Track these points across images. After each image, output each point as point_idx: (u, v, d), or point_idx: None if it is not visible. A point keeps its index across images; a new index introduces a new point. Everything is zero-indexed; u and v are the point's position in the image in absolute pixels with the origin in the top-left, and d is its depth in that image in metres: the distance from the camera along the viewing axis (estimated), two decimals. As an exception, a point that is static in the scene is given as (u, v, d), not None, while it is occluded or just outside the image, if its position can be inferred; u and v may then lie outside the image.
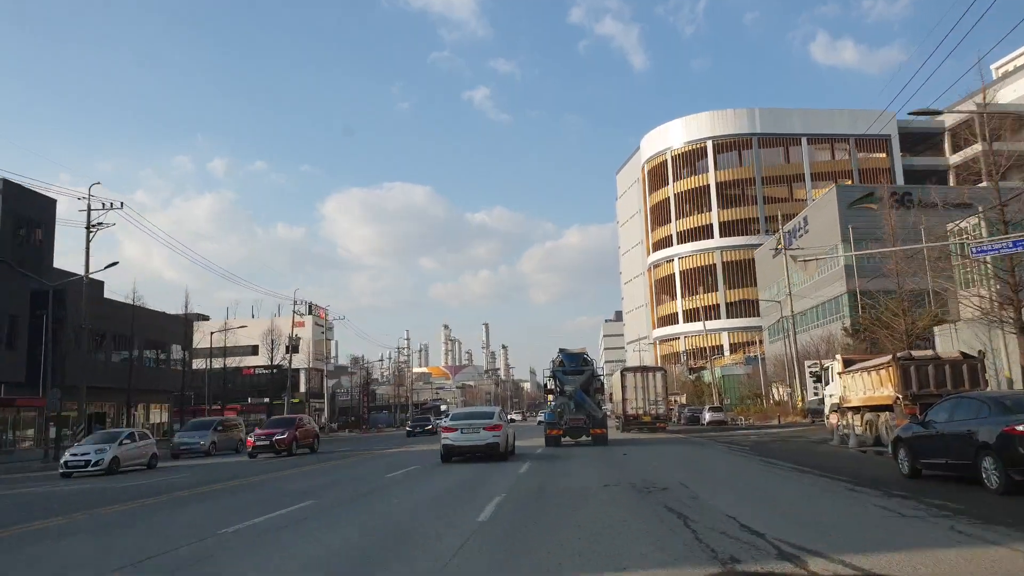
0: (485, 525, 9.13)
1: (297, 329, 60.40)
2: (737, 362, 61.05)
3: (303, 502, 12.77)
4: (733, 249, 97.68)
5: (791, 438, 27.11)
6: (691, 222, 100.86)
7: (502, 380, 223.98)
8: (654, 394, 37.10)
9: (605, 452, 23.48)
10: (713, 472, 16.52)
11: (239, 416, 44.38)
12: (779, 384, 48.93)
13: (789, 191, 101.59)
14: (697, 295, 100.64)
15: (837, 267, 47.49)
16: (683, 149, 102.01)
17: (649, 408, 36.88)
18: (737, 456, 20.20)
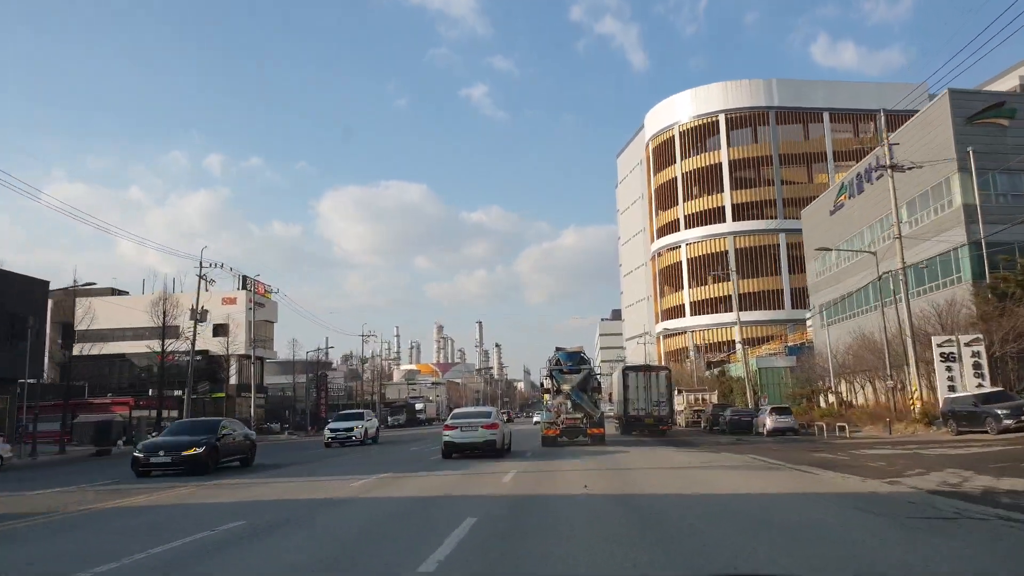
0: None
1: (227, 307, 47.99)
2: (775, 352, 49.00)
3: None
4: (748, 234, 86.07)
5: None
6: (700, 204, 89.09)
7: (495, 379, 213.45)
8: (657, 394, 35.02)
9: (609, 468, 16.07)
10: None
11: (125, 415, 32.90)
12: (862, 376, 36.16)
13: (808, 172, 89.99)
14: (706, 285, 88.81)
15: (950, 209, 33.95)
16: (692, 124, 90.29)
17: (652, 409, 34.90)
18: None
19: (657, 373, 36.50)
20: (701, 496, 10.90)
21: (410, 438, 44.10)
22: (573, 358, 28.53)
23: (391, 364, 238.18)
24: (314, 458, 25.56)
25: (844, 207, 43.06)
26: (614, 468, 15.53)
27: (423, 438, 42.01)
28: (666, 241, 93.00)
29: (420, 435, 49.38)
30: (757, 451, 20.48)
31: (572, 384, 27.26)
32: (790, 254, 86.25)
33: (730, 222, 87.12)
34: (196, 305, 36.83)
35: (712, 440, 28.14)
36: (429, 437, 42.17)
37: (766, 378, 46.86)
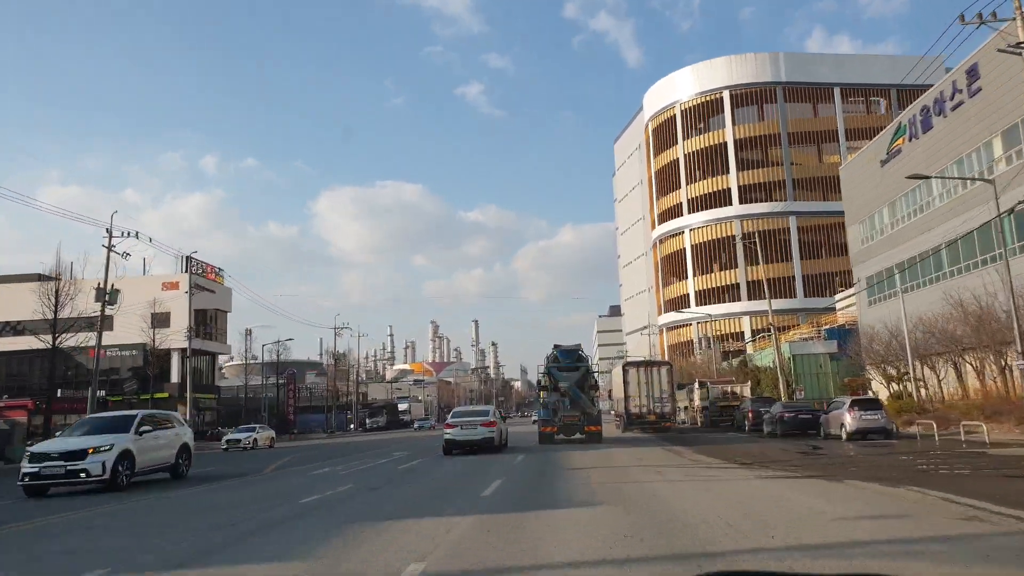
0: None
1: (169, 293, 40.42)
2: (810, 336, 42.03)
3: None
4: (756, 218, 79.49)
5: None
6: (705, 187, 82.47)
7: (490, 378, 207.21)
8: (659, 391, 33.95)
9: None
10: None
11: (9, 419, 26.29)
12: (944, 358, 28.69)
13: (818, 152, 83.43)
14: (712, 273, 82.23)
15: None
16: (694, 101, 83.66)
17: (654, 406, 33.93)
18: None
19: (659, 368, 35.16)
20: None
21: (367, 445, 35.86)
22: (571, 355, 28.01)
23: (384, 363, 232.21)
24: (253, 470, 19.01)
25: (901, 154, 35.99)
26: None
27: (381, 446, 34.34)
28: (668, 227, 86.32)
29: (385, 441, 41.24)
30: (886, 475, 12.54)
31: (570, 381, 26.77)
32: (801, 239, 79.70)
33: (736, 205, 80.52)
34: (104, 284, 29.73)
35: (756, 448, 20.52)
36: (395, 444, 34.94)
37: (802, 367, 39.81)
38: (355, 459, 24.10)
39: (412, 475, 16.94)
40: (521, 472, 16.38)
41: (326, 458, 25.76)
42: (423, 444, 33.25)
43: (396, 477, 16.53)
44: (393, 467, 19.63)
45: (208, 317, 56.41)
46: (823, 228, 79.89)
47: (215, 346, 59.38)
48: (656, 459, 17.50)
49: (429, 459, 22.02)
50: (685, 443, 24.74)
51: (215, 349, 59.69)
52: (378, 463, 21.73)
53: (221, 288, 57.31)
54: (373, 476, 16.90)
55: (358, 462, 22.51)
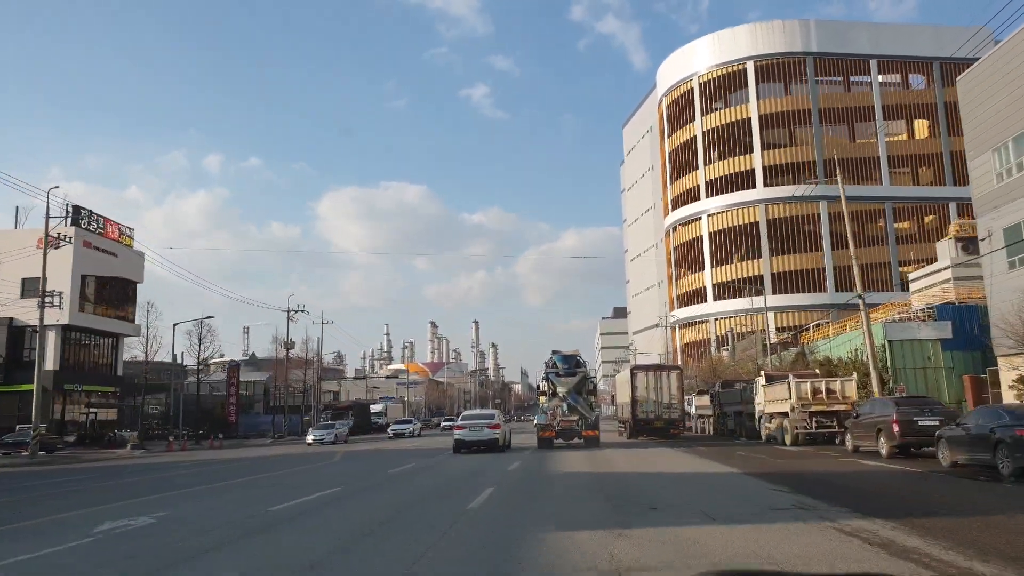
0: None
1: (51, 254, 29.92)
2: (907, 316, 32.07)
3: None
4: (782, 203, 69.96)
5: None
6: (725, 167, 72.98)
7: (490, 380, 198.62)
8: (668, 396, 32.54)
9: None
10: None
11: None
12: None
13: (850, 130, 73.92)
14: (732, 264, 72.68)
15: None
16: (714, 73, 74.27)
17: (663, 412, 32.45)
18: None
19: (668, 373, 33.97)
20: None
21: (259, 464, 24.29)
22: (569, 361, 28.10)
23: (381, 363, 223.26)
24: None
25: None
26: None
27: (269, 467, 22.94)
28: (683, 213, 76.76)
29: (296, 458, 27.83)
30: None
31: (568, 387, 27.04)
32: (833, 226, 70.05)
33: (761, 188, 70.99)
34: None
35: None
36: (307, 467, 22.02)
37: (902, 357, 29.51)
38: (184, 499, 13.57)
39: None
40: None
41: (154, 490, 15.40)
42: (354, 472, 20.06)
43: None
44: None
45: (108, 288, 44.73)
46: (858, 215, 70.31)
47: (118, 325, 45.73)
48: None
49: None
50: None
51: (118, 329, 45.90)
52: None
53: (128, 252, 45.55)
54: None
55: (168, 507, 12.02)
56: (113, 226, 43.06)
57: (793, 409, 24.23)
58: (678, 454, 22.74)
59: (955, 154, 71.34)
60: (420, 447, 33.49)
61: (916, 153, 73.29)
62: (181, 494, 14.64)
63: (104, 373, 44.98)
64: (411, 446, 35.65)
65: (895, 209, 70.91)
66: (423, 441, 40.89)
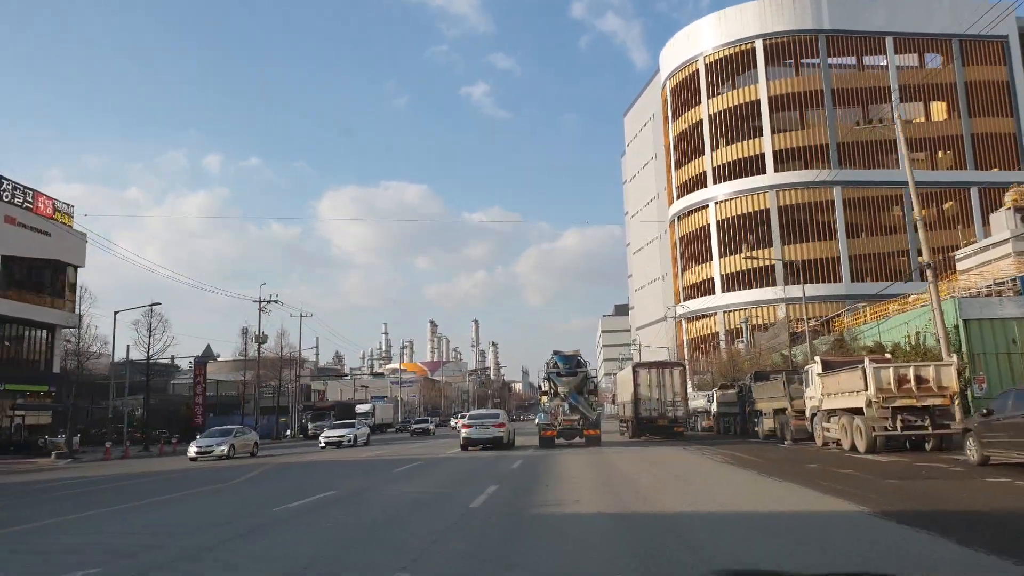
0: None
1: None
2: (979, 291, 27.09)
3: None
4: (794, 188, 65.85)
5: None
6: (733, 152, 68.79)
7: (490, 379, 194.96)
8: (672, 393, 31.77)
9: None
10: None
11: None
12: None
13: (863, 112, 69.65)
14: (742, 253, 68.35)
15: None
16: (721, 53, 70.09)
17: (666, 410, 31.69)
18: None
19: (671, 370, 33.33)
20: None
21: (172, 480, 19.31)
22: (570, 361, 28.16)
23: (378, 362, 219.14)
24: None
25: None
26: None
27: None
28: (689, 201, 72.53)
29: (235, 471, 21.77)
30: None
31: (569, 387, 27.10)
32: (848, 213, 65.87)
33: (771, 173, 66.79)
34: None
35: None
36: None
37: (980, 341, 24.46)
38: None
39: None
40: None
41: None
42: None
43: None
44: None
45: (39, 271, 39.73)
46: (872, 201, 66.16)
47: (53, 315, 39.83)
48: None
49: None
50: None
51: (53, 319, 39.97)
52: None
53: (64, 232, 40.17)
54: None
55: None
56: (46, 201, 37.96)
57: (871, 404, 18.36)
58: (707, 461, 18.16)
59: (977, 136, 67.15)
60: (375, 458, 25.50)
61: (934, 136, 69.03)
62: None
63: (34, 370, 39.55)
64: (365, 457, 26.54)
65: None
66: (387, 451, 30.34)
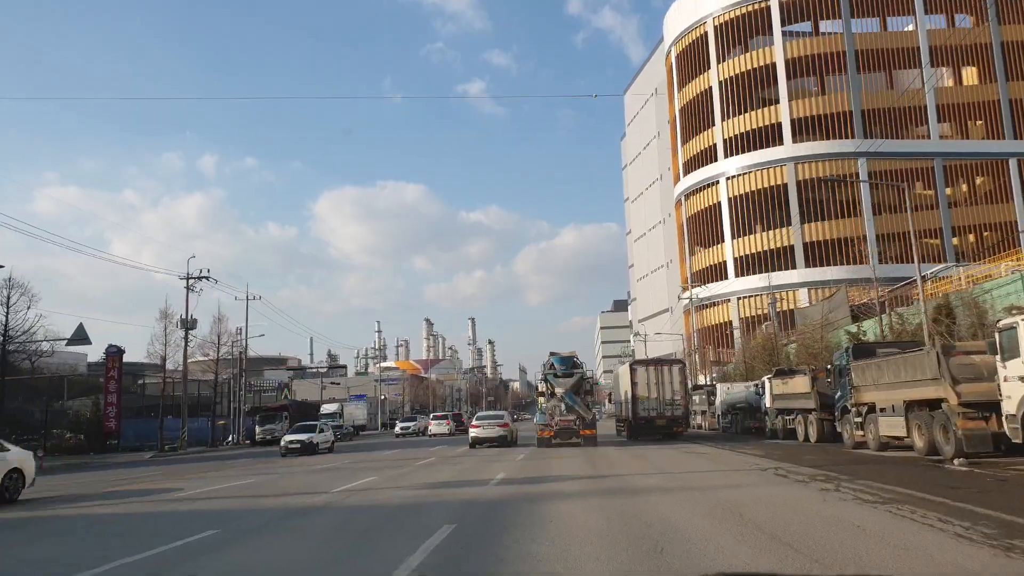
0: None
1: None
2: None
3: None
4: (815, 160, 58.96)
5: None
6: (746, 122, 61.85)
7: (487, 377, 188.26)
8: (671, 392, 30.50)
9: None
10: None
11: None
12: None
13: (888, 78, 62.77)
14: (755, 235, 61.57)
15: None
16: (732, 14, 63.25)
17: (664, 409, 30.33)
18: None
19: (670, 367, 31.57)
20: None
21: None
22: (566, 362, 28.30)
23: (371, 361, 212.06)
24: None
25: None
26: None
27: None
28: (697, 178, 65.55)
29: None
30: None
31: (566, 387, 27.18)
32: (874, 186, 58.89)
33: (789, 144, 59.82)
34: None
35: None
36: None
37: None
38: None
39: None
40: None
41: None
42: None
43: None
44: None
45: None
46: (900, 175, 59.21)
47: None
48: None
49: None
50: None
51: None
52: None
53: None
54: None
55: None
56: None
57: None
58: (771, 486, 11.30)
59: (1016, 103, 60.26)
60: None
61: (966, 102, 61.92)
62: None
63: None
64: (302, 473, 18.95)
65: (945, 167, 59.65)
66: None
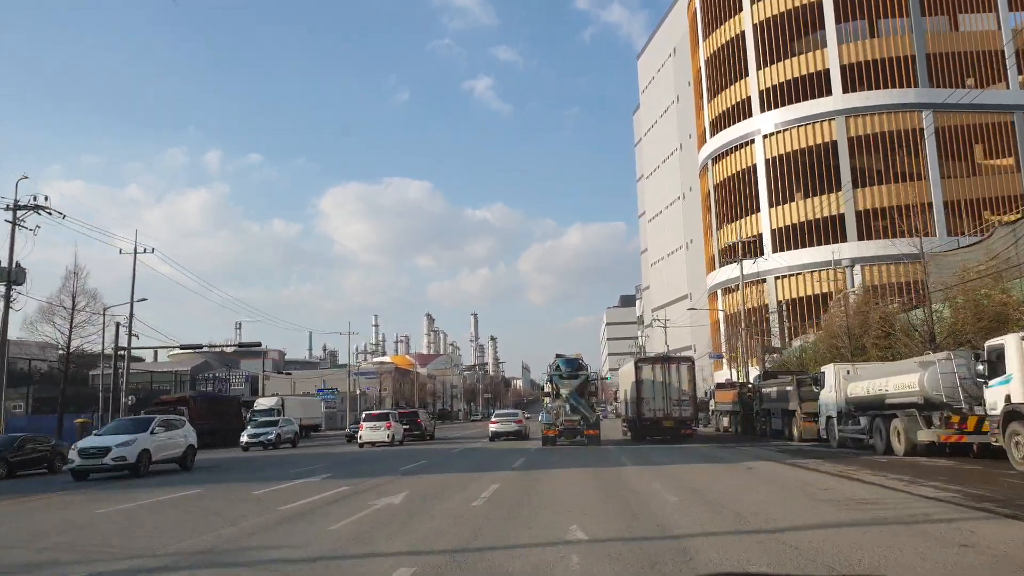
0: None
1: None
2: None
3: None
4: (869, 113, 49.04)
5: None
6: (787, 70, 51.98)
7: (489, 374, 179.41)
8: (678, 392, 28.85)
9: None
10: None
11: None
12: None
13: (951, 20, 52.75)
14: (796, 201, 51.72)
15: None
16: (769, -56, 53.07)
17: (672, 409, 28.65)
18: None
19: (678, 365, 29.80)
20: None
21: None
22: (572, 364, 28.31)
23: (368, 356, 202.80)
24: None
25: None
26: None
27: None
28: (728, 137, 55.62)
29: None
30: None
31: (570, 388, 27.35)
32: (943, 144, 49.05)
33: (839, 94, 49.89)
34: None
35: None
36: None
37: None
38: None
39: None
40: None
41: None
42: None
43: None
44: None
45: None
46: (973, 131, 49.33)
47: None
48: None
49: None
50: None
51: None
52: None
53: None
54: None
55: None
56: None
57: None
58: None
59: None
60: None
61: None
62: None
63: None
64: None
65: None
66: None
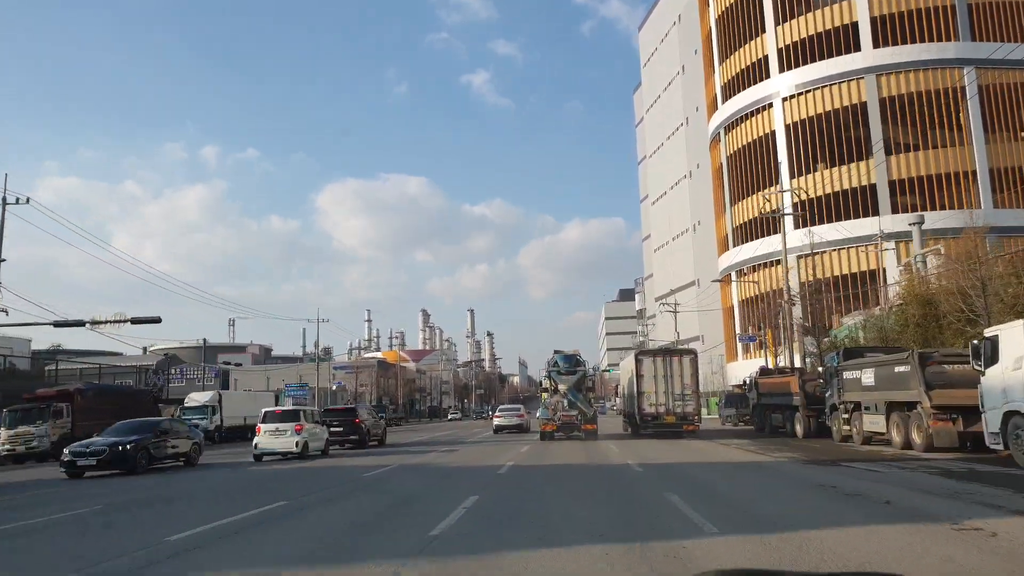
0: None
1: None
2: None
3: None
4: (904, 70, 43.29)
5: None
6: (808, 24, 46.28)
7: (485, 370, 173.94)
8: (680, 386, 27.32)
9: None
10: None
11: None
12: None
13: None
14: (820, 170, 45.97)
15: None
16: None
17: (673, 405, 27.09)
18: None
19: (680, 358, 28.18)
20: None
21: None
22: (570, 360, 28.67)
23: (361, 351, 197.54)
24: None
25: None
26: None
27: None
28: (743, 101, 49.85)
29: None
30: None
31: (568, 384, 27.62)
32: (988, 105, 43.36)
33: (869, 50, 44.15)
34: None
35: None
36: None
37: None
38: None
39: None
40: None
41: None
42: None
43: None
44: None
45: None
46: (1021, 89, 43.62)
47: None
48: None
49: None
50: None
51: None
52: None
53: None
54: None
55: None
56: None
57: None
58: None
59: None
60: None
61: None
62: None
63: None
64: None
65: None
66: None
